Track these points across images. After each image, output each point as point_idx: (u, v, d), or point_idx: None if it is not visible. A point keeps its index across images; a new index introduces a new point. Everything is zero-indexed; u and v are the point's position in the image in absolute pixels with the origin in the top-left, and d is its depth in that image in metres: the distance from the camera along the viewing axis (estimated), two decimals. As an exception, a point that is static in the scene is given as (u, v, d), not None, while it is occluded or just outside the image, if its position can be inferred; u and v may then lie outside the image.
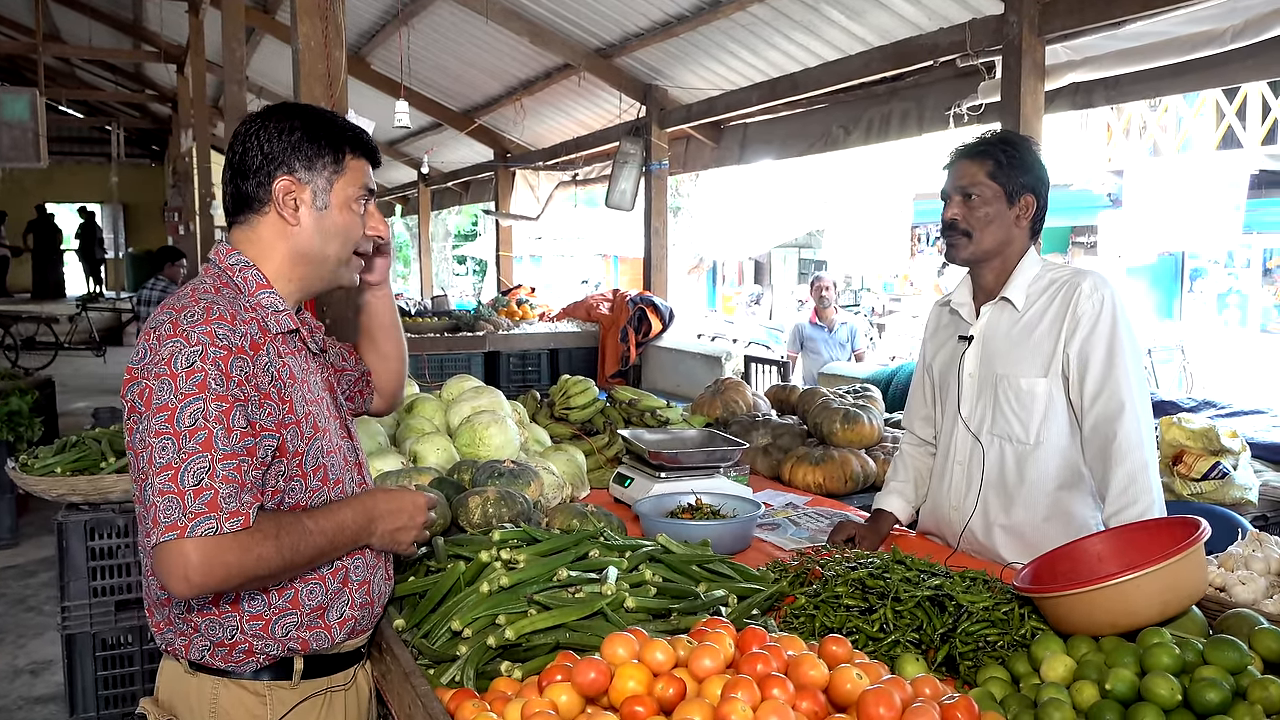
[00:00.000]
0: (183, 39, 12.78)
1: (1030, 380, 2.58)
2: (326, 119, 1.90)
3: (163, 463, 1.62)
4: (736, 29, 6.91)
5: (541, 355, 8.46)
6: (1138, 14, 4.61)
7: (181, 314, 1.72)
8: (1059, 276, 2.62)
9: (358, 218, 1.91)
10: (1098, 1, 4.66)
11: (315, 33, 3.96)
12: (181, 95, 13.86)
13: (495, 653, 1.90)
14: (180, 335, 1.68)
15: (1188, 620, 1.91)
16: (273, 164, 1.84)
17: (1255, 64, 4.58)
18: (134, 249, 24.19)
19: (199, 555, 1.59)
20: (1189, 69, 4.80)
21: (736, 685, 1.48)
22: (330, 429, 1.91)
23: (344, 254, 1.93)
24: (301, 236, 1.88)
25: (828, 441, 3.75)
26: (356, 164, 1.90)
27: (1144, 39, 4.84)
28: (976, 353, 2.70)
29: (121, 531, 3.47)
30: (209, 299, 1.76)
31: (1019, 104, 4.99)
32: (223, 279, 1.85)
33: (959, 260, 2.66)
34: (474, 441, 3.25)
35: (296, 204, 1.86)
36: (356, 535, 1.88)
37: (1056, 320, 2.56)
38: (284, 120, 1.86)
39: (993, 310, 2.68)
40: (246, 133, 1.87)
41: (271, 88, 13.76)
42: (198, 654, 1.81)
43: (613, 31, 7.88)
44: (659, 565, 2.27)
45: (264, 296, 1.85)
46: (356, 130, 1.92)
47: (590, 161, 10.43)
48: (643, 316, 8.27)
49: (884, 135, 6.79)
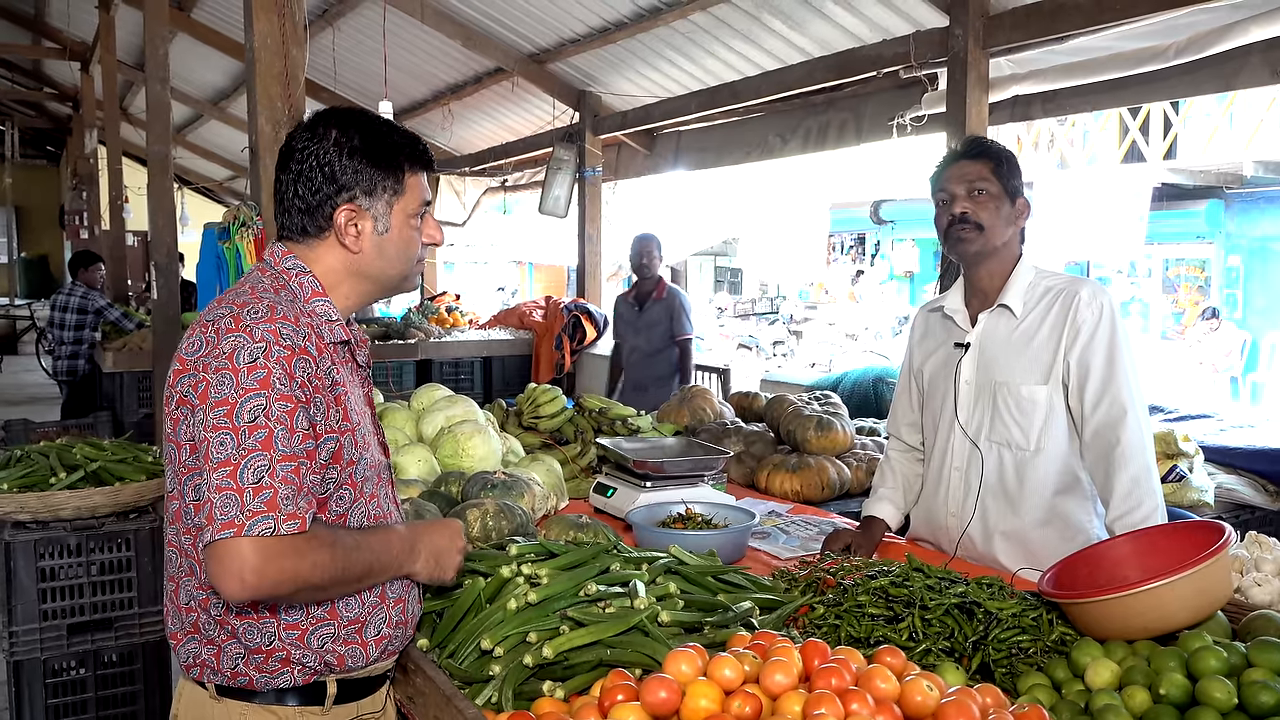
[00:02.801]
0: (88, 36, 12.30)
1: (1031, 387, 2.60)
2: (385, 133, 1.81)
3: (220, 458, 1.56)
4: (676, 37, 6.92)
5: (475, 363, 8.36)
6: (1081, 29, 4.73)
7: (244, 310, 1.66)
8: (1055, 284, 2.64)
9: (417, 233, 1.85)
10: (1042, 16, 4.77)
11: (272, 30, 3.82)
12: (85, 94, 13.32)
13: (531, 672, 1.84)
14: (243, 330, 1.62)
15: (1213, 623, 1.94)
16: (333, 189, 1.76)
17: (1189, 80, 4.74)
18: (27, 254, 23.22)
19: (256, 555, 1.53)
20: (1126, 84, 4.94)
21: (819, 701, 1.45)
22: (373, 444, 1.84)
23: (407, 269, 1.88)
24: (364, 261, 1.82)
25: (801, 449, 3.76)
26: (415, 180, 1.83)
27: (1086, 54, 4.97)
28: (974, 359, 2.71)
29: (73, 551, 3.29)
30: (271, 298, 1.70)
31: (964, 115, 5.07)
32: (279, 282, 1.78)
33: (969, 254, 2.64)
34: (456, 452, 3.17)
35: (359, 231, 1.79)
36: (403, 557, 1.82)
37: (1056, 328, 2.58)
38: (343, 137, 1.77)
39: (990, 317, 2.69)
40: (304, 151, 1.77)
41: (182, 88, 13.33)
42: (230, 665, 1.72)
43: (548, 37, 7.83)
44: (675, 577, 2.22)
45: (318, 304, 1.78)
46: (413, 141, 1.84)
47: (520, 167, 10.33)
48: (577, 324, 8.23)
49: (821, 144, 6.86)
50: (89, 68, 12.74)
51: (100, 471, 3.45)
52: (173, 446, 1.70)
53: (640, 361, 6.72)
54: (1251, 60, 4.40)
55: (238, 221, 3.79)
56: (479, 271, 24.84)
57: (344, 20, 8.80)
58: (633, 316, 6.85)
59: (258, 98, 3.85)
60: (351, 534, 1.73)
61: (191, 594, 1.75)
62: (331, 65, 9.18)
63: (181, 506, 1.71)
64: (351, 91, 10.49)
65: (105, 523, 3.37)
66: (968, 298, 2.77)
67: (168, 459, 1.73)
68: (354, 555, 1.68)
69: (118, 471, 3.47)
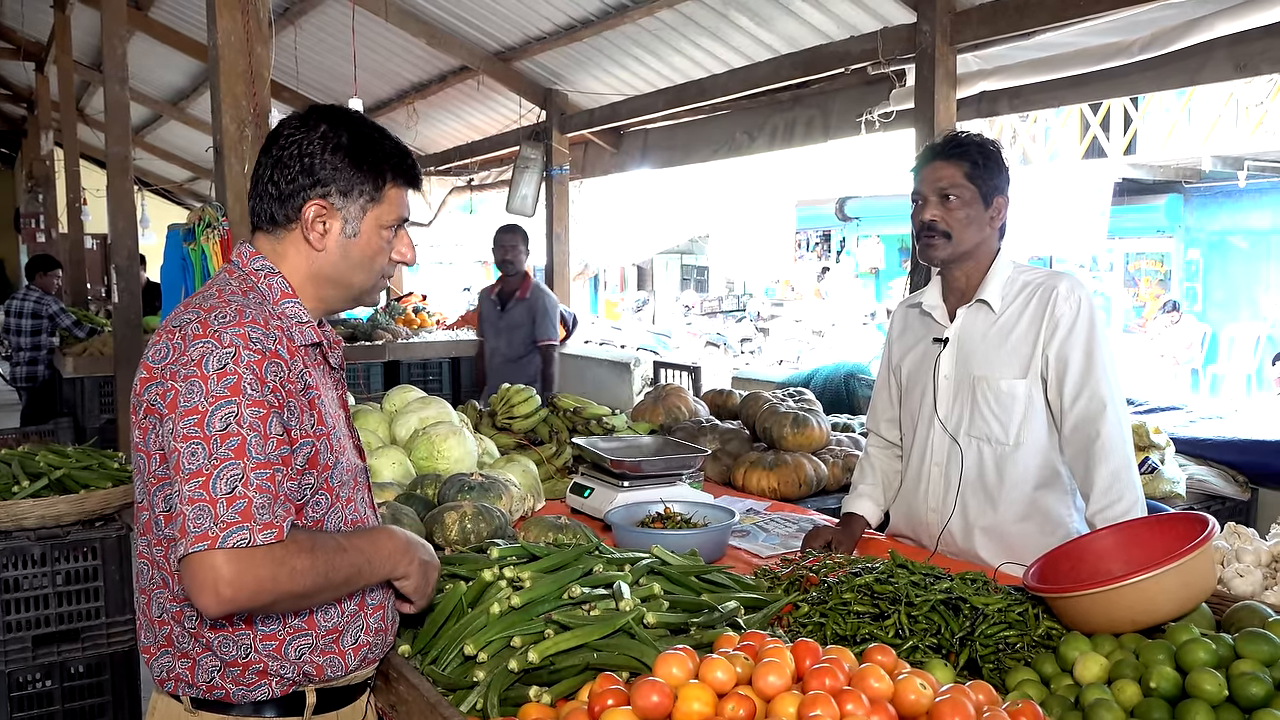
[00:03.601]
0: (43, 36, 12.08)
1: (1010, 382, 2.60)
2: (374, 138, 1.76)
3: (192, 469, 1.51)
4: (643, 34, 6.88)
5: (443, 364, 8.28)
6: (1047, 25, 4.76)
7: (212, 314, 1.61)
8: (1033, 279, 2.64)
9: (385, 245, 1.79)
10: (1009, 12, 4.79)
11: (236, 27, 3.76)
12: (40, 95, 13.09)
13: (516, 677, 1.81)
14: (211, 336, 1.57)
15: (1197, 615, 1.95)
16: (308, 181, 1.71)
17: (1153, 76, 4.77)
18: (-21, 258, 22.81)
19: (230, 568, 1.49)
20: (1091, 80, 4.96)
21: (815, 703, 1.43)
22: (348, 447, 1.80)
23: (368, 282, 1.82)
24: (325, 261, 1.76)
25: (777, 446, 3.74)
26: (395, 193, 1.78)
27: (1053, 49, 5.00)
28: (952, 355, 2.71)
29: (38, 560, 3.22)
30: (239, 301, 1.65)
31: (932, 112, 5.08)
32: (247, 283, 1.73)
33: (936, 260, 2.66)
34: (432, 454, 3.13)
35: (325, 229, 1.74)
36: (397, 556, 1.77)
37: (1034, 322, 2.59)
38: (331, 133, 1.72)
39: (968, 312, 2.69)
40: (288, 138, 1.73)
41: (140, 88, 13.13)
42: (205, 678, 1.67)
43: (513, 34, 7.77)
44: (659, 578, 2.20)
45: (288, 306, 1.73)
46: (402, 154, 1.79)
47: (486, 166, 10.27)
48: (546, 323, 8.15)
49: (789, 141, 6.86)
50: (44, 68, 12.53)
51: (64, 479, 3.37)
52: (142, 456, 1.65)
53: (502, 366, 6.21)
54: (1215, 55, 4.44)
55: (203, 223, 3.72)
56: (444, 272, 24.69)
57: (306, 19, 8.68)
58: (495, 316, 6.39)
59: (222, 97, 3.78)
60: (334, 536, 1.68)
61: (164, 606, 1.70)
62: (294, 64, 9.06)
63: (152, 517, 1.66)
64: (315, 91, 10.37)
65: (70, 531, 3.30)
66: (945, 294, 2.77)
67: (136, 469, 1.69)
68: (337, 558, 1.64)
69: (82, 479, 3.40)
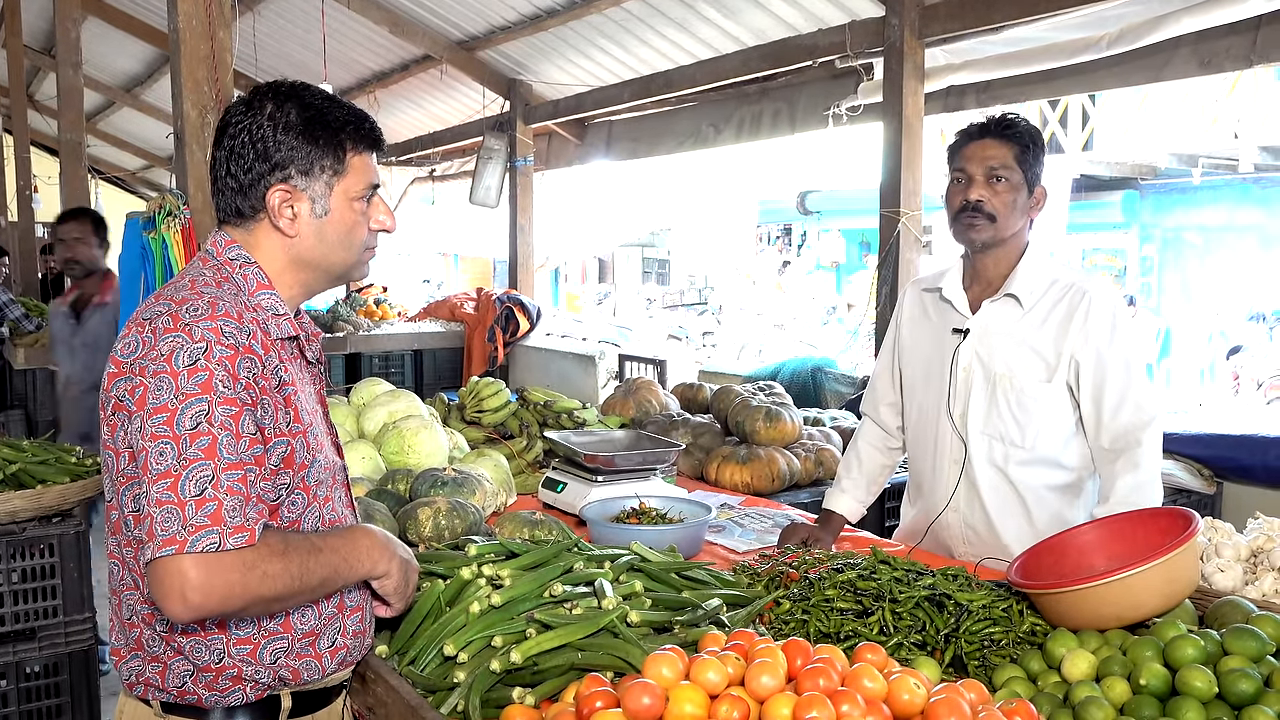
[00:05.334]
0: (-9, 19, 11.80)
1: (1034, 383, 2.52)
2: (324, 108, 1.69)
3: (160, 469, 1.45)
4: (609, 25, 6.83)
5: (405, 356, 8.19)
6: (1016, 20, 4.78)
7: (183, 307, 1.54)
8: (1062, 278, 2.55)
9: (361, 217, 1.72)
10: (977, 6, 4.80)
11: (198, 11, 3.67)
12: (-12, 80, 12.80)
13: (498, 677, 1.77)
14: (182, 329, 1.51)
15: (1180, 610, 1.95)
16: (265, 168, 1.64)
17: (1119, 72, 4.81)
18: (-75, 246, 22.26)
19: (198, 573, 1.43)
20: (1058, 75, 4.99)
21: (810, 704, 1.40)
22: (325, 444, 1.74)
23: (351, 258, 1.75)
24: (302, 246, 1.70)
25: (750, 441, 3.72)
26: (359, 160, 1.71)
27: (1021, 44, 5.02)
28: (973, 348, 2.60)
29: (-7, 558, 3.13)
30: (212, 293, 1.58)
31: (901, 105, 5.09)
32: (222, 274, 1.66)
33: (976, 243, 2.54)
34: (402, 449, 3.07)
35: (294, 213, 1.67)
36: (376, 553, 1.72)
37: (1063, 325, 2.50)
38: (278, 112, 1.65)
39: (994, 306, 2.58)
40: (237, 125, 1.66)
41: (93, 74, 12.86)
42: (177, 683, 1.61)
43: (477, 24, 7.69)
44: (639, 575, 2.17)
45: (264, 298, 1.66)
46: (359, 118, 1.72)
47: (448, 157, 10.16)
48: (510, 315, 8.11)
49: (755, 134, 6.84)
50: (-8, 52, 12.21)
51: (20, 474, 3.27)
52: (110, 454, 1.59)
53: (81, 398, 4.89)
54: (1181, 51, 4.48)
55: (163, 211, 3.62)
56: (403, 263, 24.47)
57: (266, 5, 8.55)
58: (68, 333, 5.04)
59: (183, 82, 3.69)
60: (308, 537, 1.62)
61: (134, 608, 1.64)
62: (253, 51, 8.90)
63: (121, 517, 1.60)
64: (269, 77, 10.20)
65: (26, 527, 3.21)
66: (967, 282, 2.65)
67: (105, 466, 1.62)
68: (312, 560, 1.58)
69: (39, 474, 3.30)
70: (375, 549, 1.72)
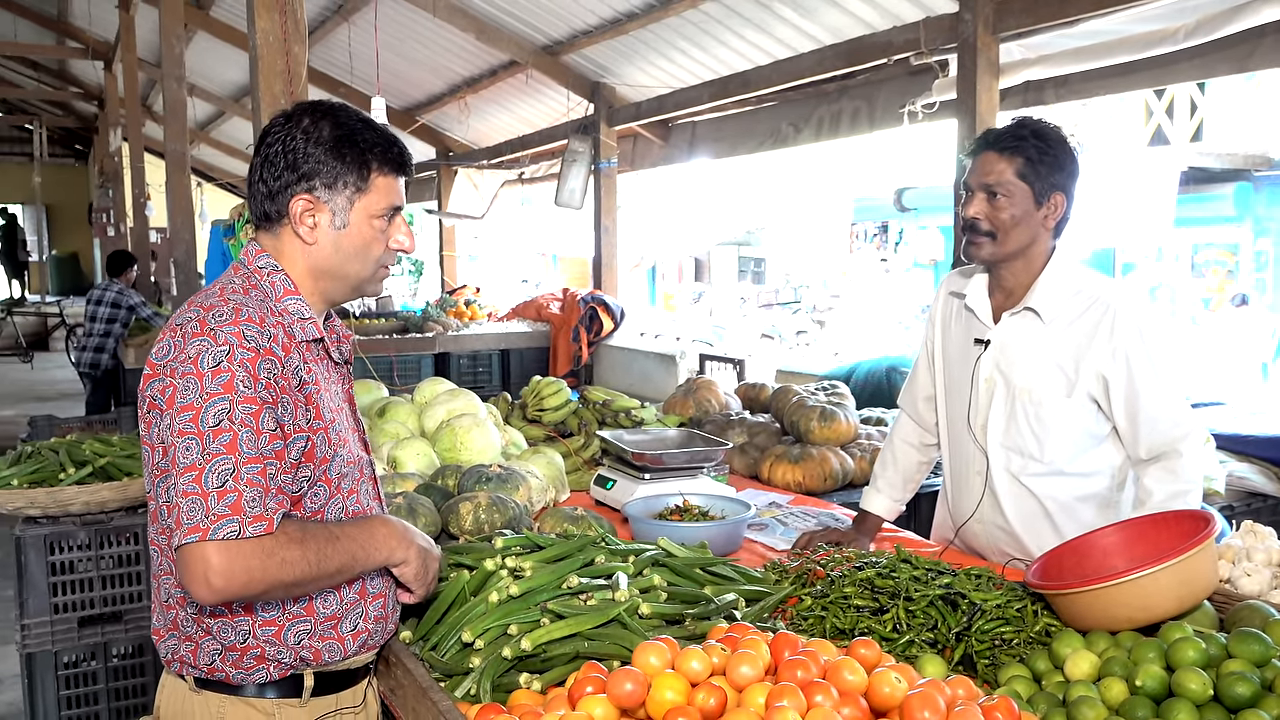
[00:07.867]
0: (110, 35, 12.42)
1: (1054, 397, 2.48)
2: (356, 129, 1.79)
3: (186, 463, 1.58)
4: (687, 26, 6.89)
5: (493, 356, 8.38)
6: (1090, 13, 4.68)
7: (210, 313, 1.68)
8: (1087, 289, 2.49)
9: (379, 235, 1.83)
10: (1051, 0, 4.72)
11: (274, 28, 3.85)
12: (109, 93, 13.47)
13: (510, 664, 1.86)
14: (207, 334, 1.64)
15: (1200, 614, 1.93)
16: (294, 177, 1.76)
17: (1201, 63, 4.67)
18: (58, 251, 23.49)
19: (220, 559, 1.55)
20: (1136, 68, 4.87)
21: (782, 693, 1.45)
22: (350, 440, 1.86)
23: (365, 272, 1.85)
24: (319, 254, 1.81)
25: (805, 440, 3.74)
26: (384, 181, 1.81)
27: (1097, 37, 4.91)
28: (993, 360, 2.57)
29: (84, 545, 3.34)
30: (238, 300, 1.71)
31: (974, 101, 5.03)
32: (251, 281, 1.79)
33: (979, 260, 2.52)
34: (455, 446, 3.19)
35: (314, 223, 1.79)
36: (393, 542, 1.82)
37: (1088, 339, 2.44)
38: (312, 127, 1.77)
39: (1014, 319, 2.54)
40: (274, 135, 1.79)
41: (204, 85, 13.44)
42: (207, 660, 1.75)
43: (561, 29, 7.83)
44: (662, 569, 2.23)
45: (290, 303, 1.79)
46: (388, 142, 1.82)
47: (537, 159, 10.34)
48: (594, 315, 8.23)
49: (834, 133, 6.82)
50: (112, 66, 12.86)
51: (108, 467, 3.49)
52: (147, 449, 1.73)
53: None
54: (1265, 41, 4.33)
55: (243, 218, 3.82)
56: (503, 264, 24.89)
57: (360, 15, 8.84)
58: None
59: (261, 95, 3.87)
60: (326, 526, 1.74)
61: (170, 591, 1.78)
62: (348, 60, 9.22)
63: (157, 507, 1.74)
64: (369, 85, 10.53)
65: (114, 517, 3.42)
66: (991, 290, 2.61)
67: (144, 461, 1.75)
68: (329, 548, 1.69)
69: (125, 467, 3.51)
70: (392, 537, 1.82)
